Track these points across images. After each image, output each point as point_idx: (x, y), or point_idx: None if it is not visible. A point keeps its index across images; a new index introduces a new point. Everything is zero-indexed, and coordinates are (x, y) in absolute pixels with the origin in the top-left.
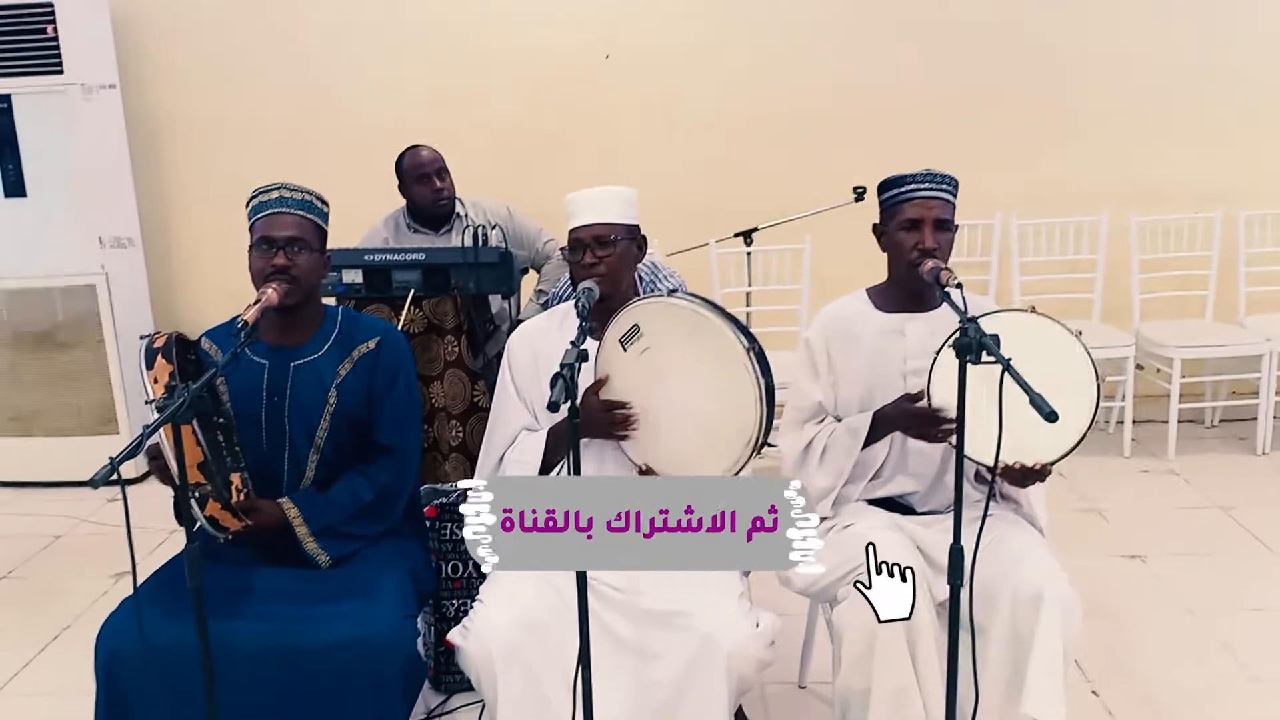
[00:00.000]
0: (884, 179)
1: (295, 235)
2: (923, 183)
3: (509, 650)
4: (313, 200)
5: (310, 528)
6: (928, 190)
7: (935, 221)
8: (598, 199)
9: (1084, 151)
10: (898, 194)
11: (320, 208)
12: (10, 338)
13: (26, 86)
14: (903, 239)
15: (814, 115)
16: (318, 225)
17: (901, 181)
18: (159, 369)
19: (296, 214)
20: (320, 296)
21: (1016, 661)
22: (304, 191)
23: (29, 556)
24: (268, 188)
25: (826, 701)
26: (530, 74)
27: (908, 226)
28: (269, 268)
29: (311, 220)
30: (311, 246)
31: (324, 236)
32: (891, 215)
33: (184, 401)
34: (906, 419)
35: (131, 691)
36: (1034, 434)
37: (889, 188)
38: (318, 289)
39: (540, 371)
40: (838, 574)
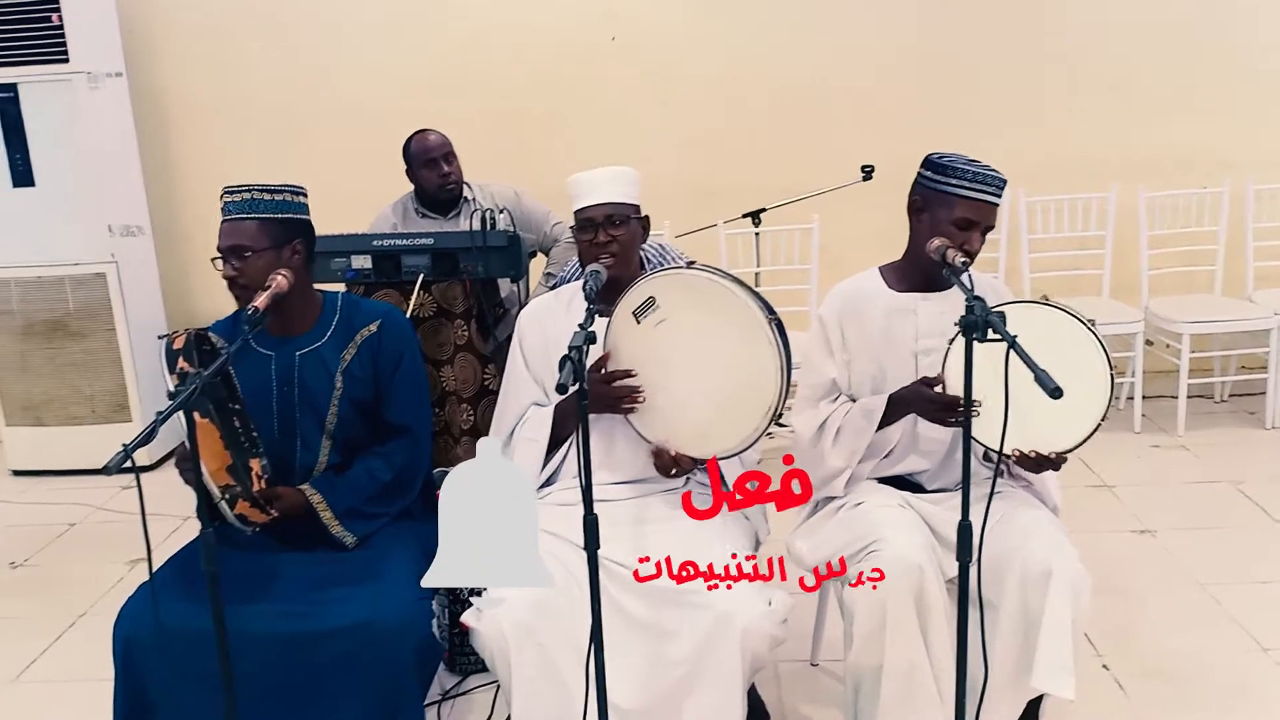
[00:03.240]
0: (937, 158)
1: (234, 244)
2: (987, 185)
3: (522, 630)
4: (257, 198)
5: (334, 511)
6: (989, 194)
7: (985, 228)
8: (604, 179)
9: (1091, 126)
10: (957, 186)
11: (268, 199)
12: (22, 327)
13: (33, 75)
14: (950, 234)
15: (820, 94)
16: (266, 222)
17: (960, 173)
18: (182, 370)
19: (237, 219)
20: (311, 285)
21: (1026, 637)
22: (246, 190)
23: (43, 545)
24: (222, 191)
25: (838, 679)
26: (534, 54)
27: (961, 225)
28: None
29: (255, 220)
30: (256, 247)
31: (283, 229)
32: (942, 202)
33: (196, 388)
34: (922, 403)
35: (149, 676)
36: (1049, 422)
37: (948, 173)
38: (304, 279)
39: (549, 350)
40: (847, 552)
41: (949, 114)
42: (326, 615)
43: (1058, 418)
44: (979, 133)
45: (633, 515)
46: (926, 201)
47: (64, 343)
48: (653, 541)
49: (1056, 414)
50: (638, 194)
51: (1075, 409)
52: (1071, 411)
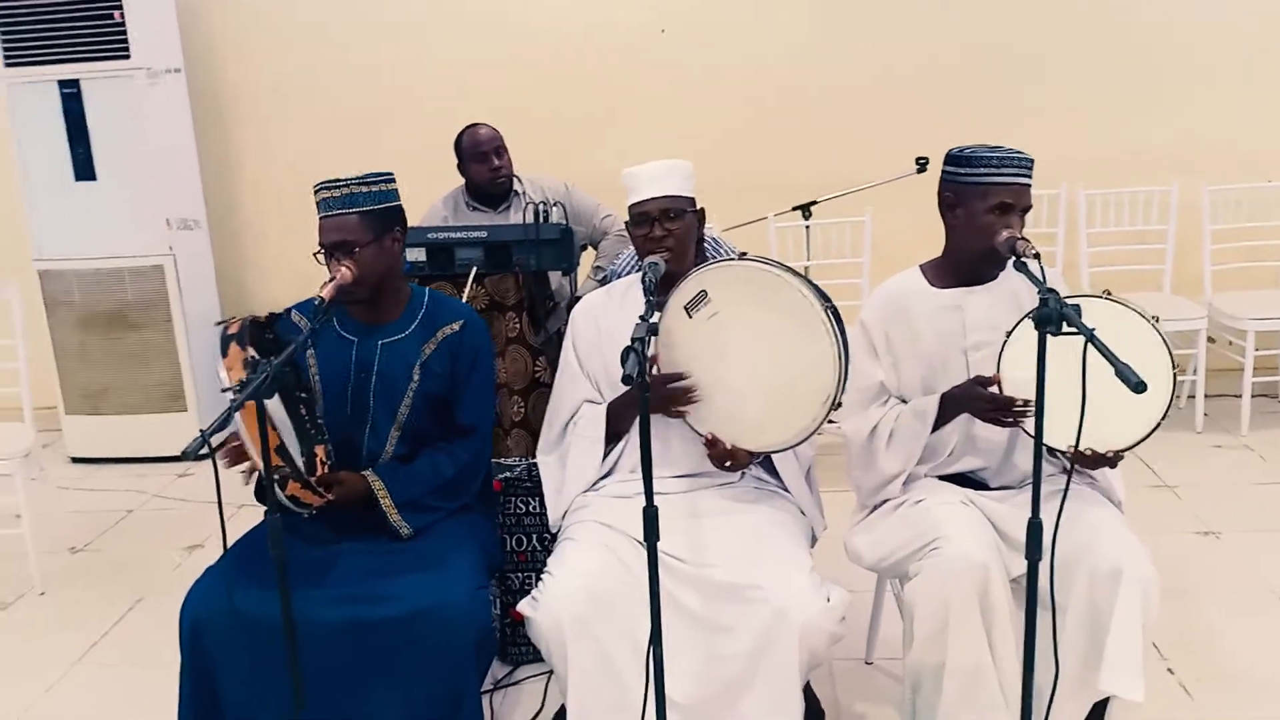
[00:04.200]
0: (958, 152)
1: (340, 240)
2: (1018, 168)
3: (579, 621)
4: (354, 191)
5: (394, 500)
6: (1020, 176)
7: (1023, 208)
8: (658, 172)
9: (1152, 120)
10: (987, 174)
11: (366, 191)
12: (81, 318)
13: (95, 72)
14: (992, 222)
15: (873, 85)
16: (367, 214)
17: (986, 161)
18: (233, 356)
19: (338, 214)
20: (401, 275)
21: (1093, 637)
22: (343, 185)
23: (103, 530)
24: (317, 187)
25: (893, 678)
26: (585, 49)
27: (999, 210)
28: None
29: (356, 215)
30: (361, 241)
31: (383, 218)
32: (975, 194)
33: (267, 376)
34: (976, 403)
35: (215, 658)
36: (1107, 419)
37: (974, 164)
38: (396, 269)
39: (603, 345)
40: (909, 550)
41: (1007, 105)
42: (389, 602)
43: (1117, 415)
44: (1037, 125)
45: (688, 509)
46: (959, 196)
47: (122, 333)
48: (709, 535)
49: (1115, 411)
50: (692, 186)
51: (1135, 407)
52: (1131, 409)
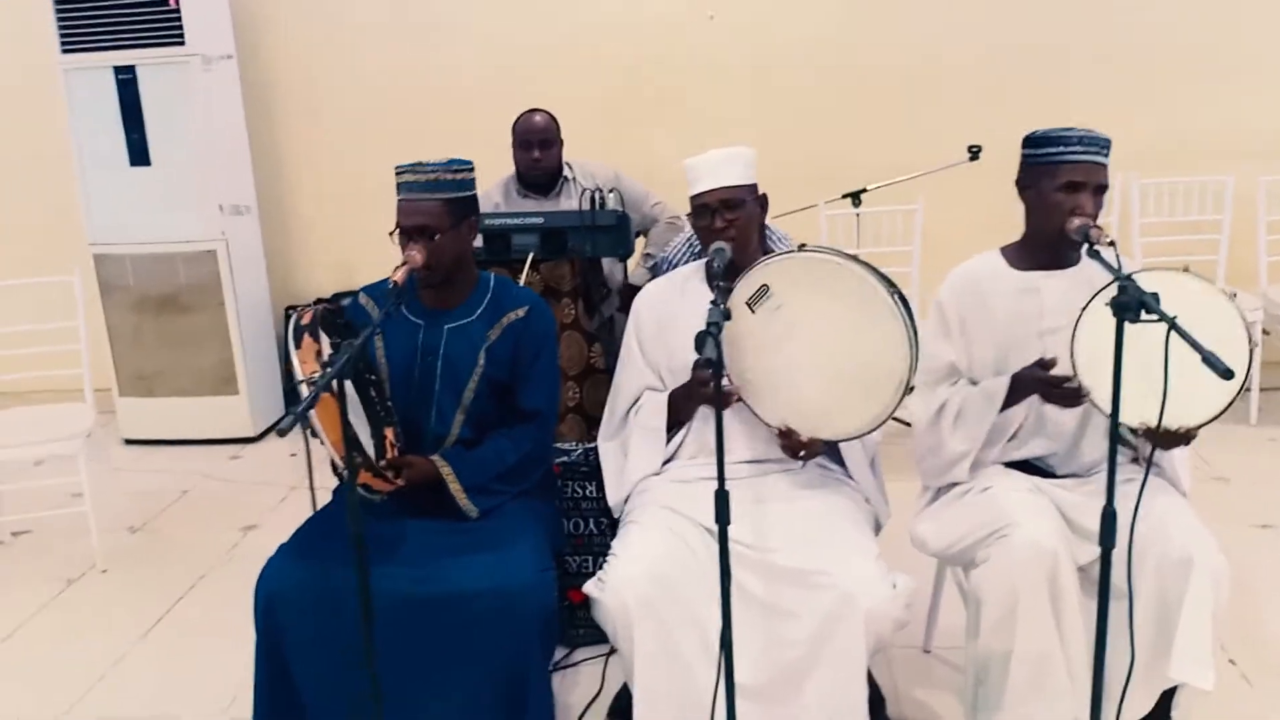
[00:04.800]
0: (1034, 133)
1: (421, 224)
2: (1088, 146)
3: (644, 603)
4: (440, 177)
5: (462, 483)
6: (1090, 154)
7: (1095, 186)
8: (718, 162)
9: (1209, 109)
10: (1056, 153)
11: (451, 179)
12: (136, 301)
13: (150, 58)
14: (1061, 200)
15: (925, 72)
16: (450, 201)
17: (1060, 140)
18: (306, 348)
19: (422, 198)
20: (472, 262)
21: (1161, 626)
22: (429, 170)
23: (158, 511)
24: (401, 169)
25: (952, 666)
26: (634, 35)
27: (1067, 189)
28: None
29: (439, 200)
30: (442, 227)
31: (462, 206)
32: (1045, 173)
33: (348, 358)
34: (1040, 385)
35: (288, 634)
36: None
37: (1043, 144)
38: (468, 255)
39: (665, 333)
40: (976, 536)
41: (1060, 93)
42: (458, 580)
43: (1190, 391)
44: (1091, 113)
45: (752, 495)
46: (1031, 178)
47: (175, 317)
48: (773, 521)
49: (1188, 387)
50: (754, 173)
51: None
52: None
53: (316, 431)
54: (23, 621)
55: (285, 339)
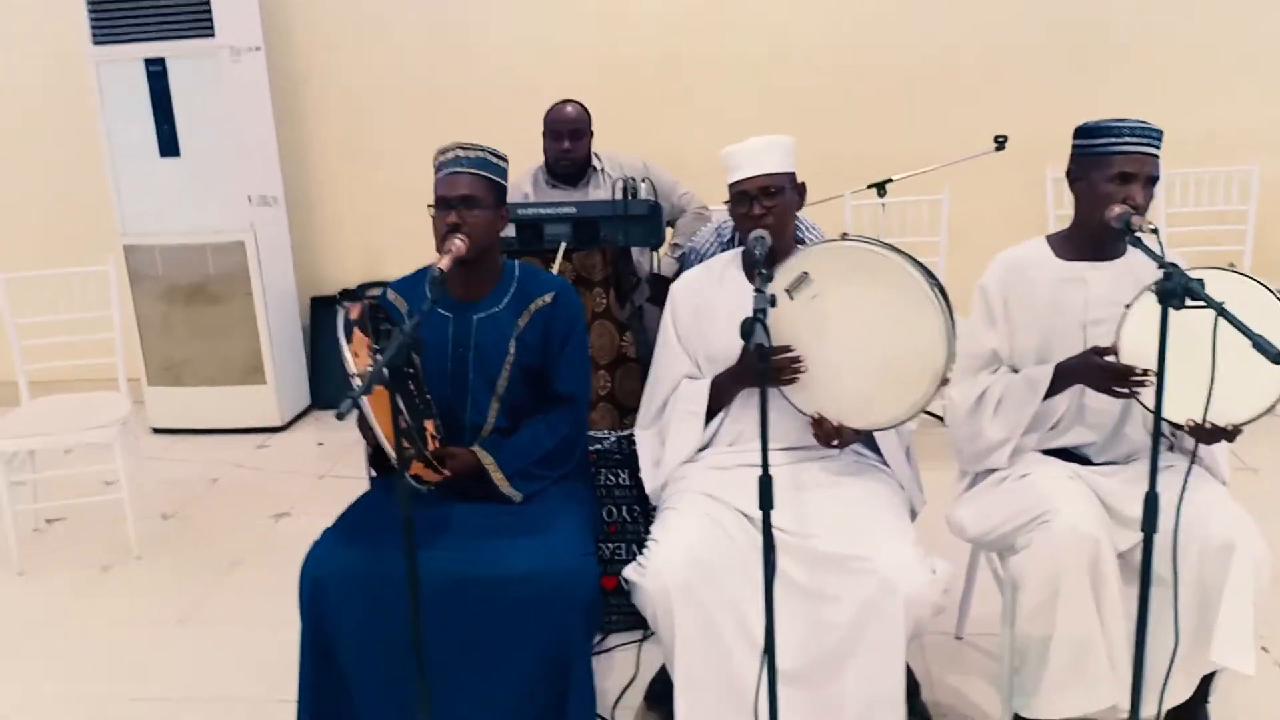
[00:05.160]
0: (1088, 124)
1: (467, 194)
2: (1140, 136)
3: (685, 588)
4: (487, 158)
5: (504, 471)
6: (1141, 145)
7: (1147, 178)
8: (758, 150)
9: (1234, 99)
10: (1109, 144)
11: (496, 164)
12: (165, 291)
13: (180, 50)
14: (1111, 191)
15: (951, 62)
16: (493, 182)
17: (1112, 131)
18: (357, 342)
19: (470, 173)
20: (499, 252)
21: (1202, 611)
22: (479, 150)
23: (190, 499)
24: (446, 148)
25: (984, 653)
26: (658, 28)
27: (1118, 180)
28: (444, 226)
29: (485, 178)
30: (485, 204)
31: (501, 191)
32: (1096, 164)
33: (399, 345)
34: (1093, 374)
35: (333, 617)
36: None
37: (1095, 135)
38: (496, 244)
39: (702, 322)
40: (1016, 523)
41: (1086, 82)
42: (501, 563)
43: (1235, 388)
44: (1117, 103)
45: (791, 481)
46: (1083, 168)
47: (203, 307)
48: (812, 507)
49: (1234, 384)
50: (792, 161)
51: (1255, 379)
52: (1249, 383)
53: (369, 421)
54: (62, 607)
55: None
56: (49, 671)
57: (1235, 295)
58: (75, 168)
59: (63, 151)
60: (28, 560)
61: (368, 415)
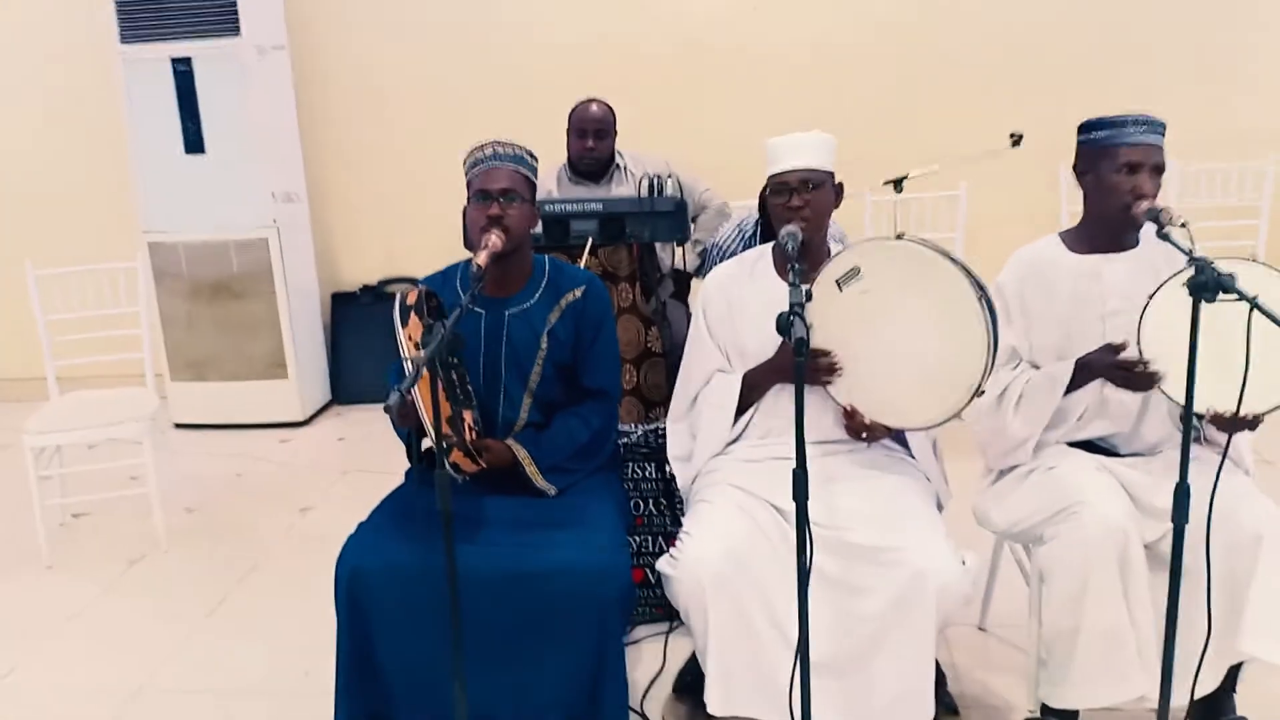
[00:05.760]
0: (1091, 119)
1: (508, 187)
2: (1144, 127)
3: (719, 580)
4: (523, 154)
5: (539, 465)
6: (1146, 134)
7: (1153, 167)
8: (802, 144)
9: (1250, 94)
10: (1111, 136)
11: (530, 162)
12: (189, 288)
13: (206, 49)
14: (1119, 182)
15: (967, 60)
16: (528, 178)
17: (1116, 123)
18: (413, 327)
19: (509, 167)
20: (530, 247)
21: (1231, 601)
22: (515, 146)
23: (214, 493)
24: (482, 144)
25: (1008, 644)
26: (680, 22)
27: (1125, 170)
28: (484, 218)
29: (522, 173)
30: (523, 197)
31: (534, 189)
32: (1102, 157)
33: (444, 337)
34: (1110, 369)
35: (371, 610)
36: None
37: (1100, 128)
38: (528, 240)
39: (733, 316)
40: (1043, 514)
41: (1101, 78)
42: (538, 556)
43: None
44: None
45: (821, 474)
46: (1089, 163)
47: (227, 304)
48: (843, 500)
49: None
50: (833, 160)
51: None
52: (1270, 373)
53: (418, 408)
54: (91, 599)
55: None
56: (77, 664)
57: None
58: (101, 165)
59: (89, 149)
60: (55, 554)
61: (417, 402)
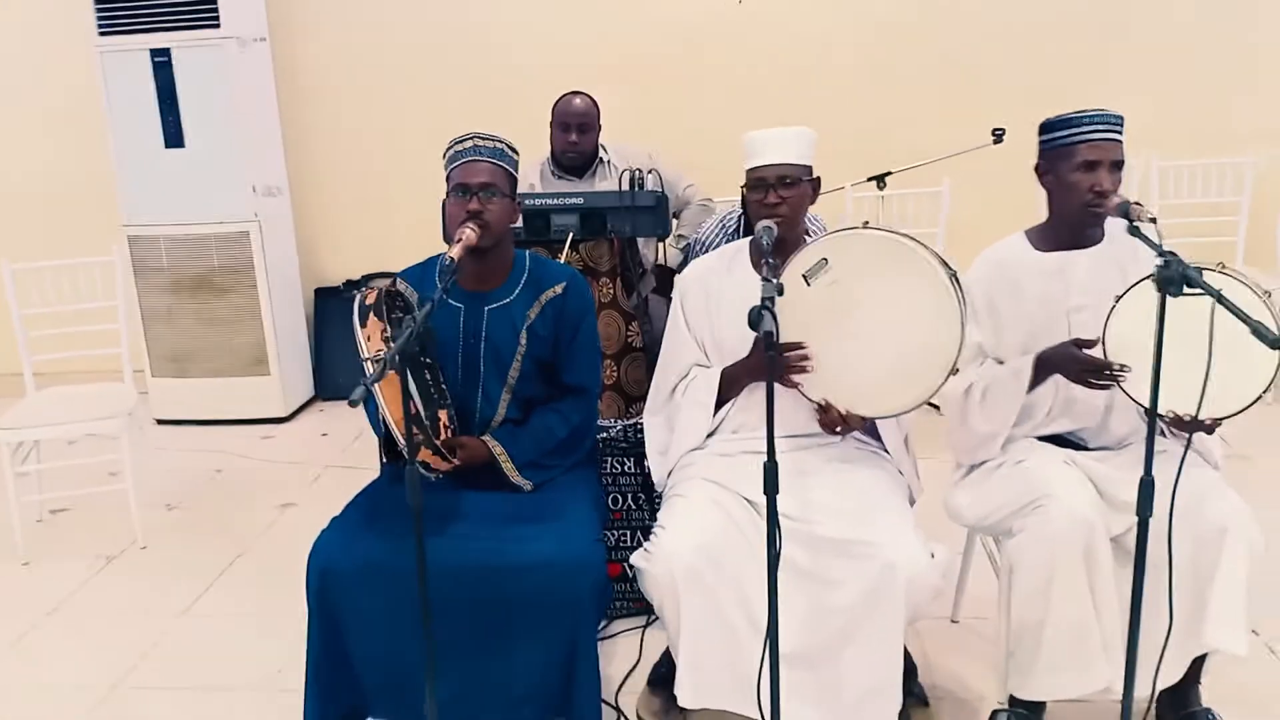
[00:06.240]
0: (1050, 119)
1: (487, 181)
2: (1097, 124)
3: (691, 573)
4: (504, 149)
5: (515, 462)
6: (1102, 131)
7: (1111, 163)
8: (780, 139)
9: (1230, 91)
10: (1071, 135)
11: (511, 156)
12: (170, 282)
13: (186, 41)
14: (1079, 179)
15: (950, 55)
16: (508, 172)
17: (1074, 122)
18: (371, 326)
19: (489, 161)
20: (511, 242)
21: (1196, 594)
22: (496, 140)
23: (194, 489)
24: (462, 138)
25: (979, 636)
26: (665, 17)
27: (1084, 168)
28: (463, 213)
29: (503, 168)
30: (503, 192)
31: (514, 183)
32: (1062, 156)
33: (412, 332)
34: (1069, 364)
35: (342, 607)
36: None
37: (1058, 128)
38: (509, 235)
39: (711, 310)
40: (1011, 508)
41: (1081, 75)
42: (513, 551)
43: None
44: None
45: (794, 468)
46: (1050, 162)
47: (208, 298)
48: (816, 493)
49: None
50: (812, 155)
51: (1237, 376)
52: (1234, 378)
53: (380, 406)
54: (67, 596)
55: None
56: (53, 661)
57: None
58: (80, 159)
59: (68, 142)
60: (32, 550)
61: (379, 401)
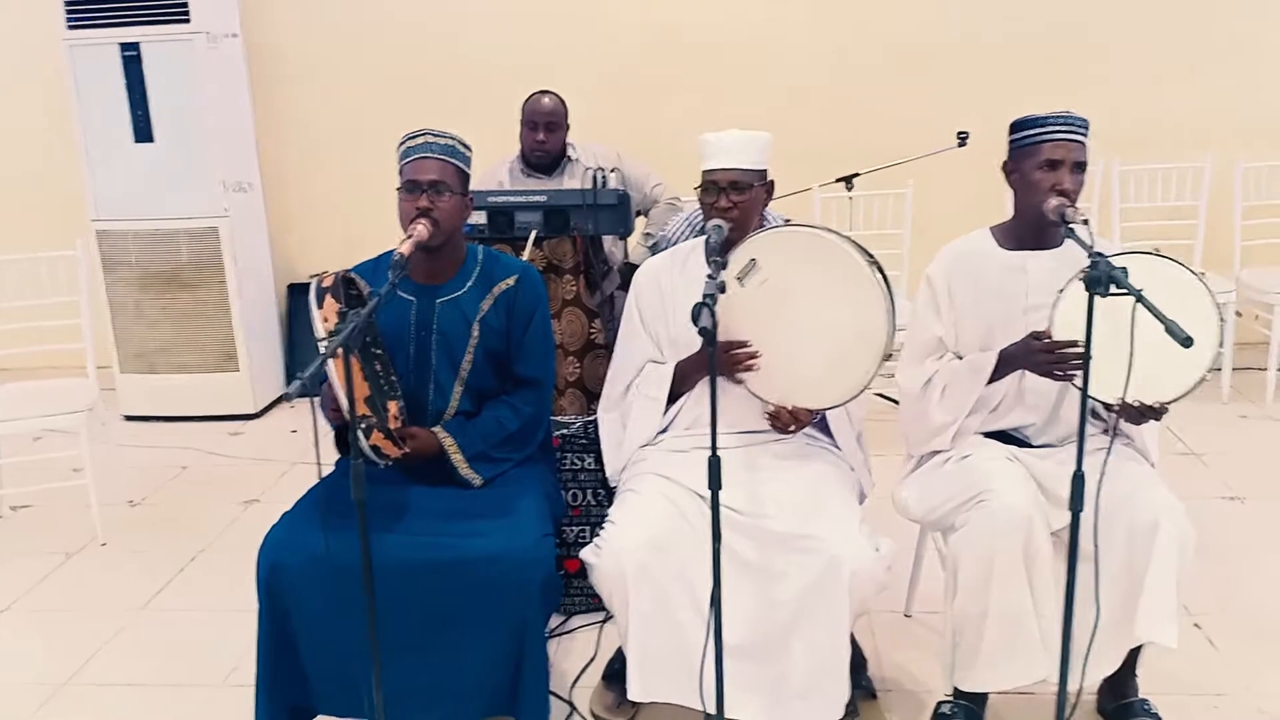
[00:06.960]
0: (1018, 119)
1: (437, 179)
2: (1060, 125)
3: (640, 568)
4: (455, 145)
5: (465, 454)
6: (1066, 132)
7: (1074, 164)
8: (735, 143)
9: (1188, 95)
10: (1035, 134)
11: (463, 152)
12: (138, 278)
13: (156, 35)
14: (1040, 178)
15: (916, 58)
16: (460, 169)
17: (1039, 122)
18: (328, 308)
19: (439, 158)
20: (463, 237)
21: (1129, 587)
22: (448, 137)
23: (159, 486)
24: (415, 133)
25: (931, 629)
26: (635, 18)
27: (1046, 167)
28: (413, 210)
29: (454, 164)
30: (453, 189)
31: (466, 179)
32: (1027, 155)
33: (355, 326)
34: (1033, 357)
35: (291, 602)
36: (1156, 373)
37: (1025, 128)
38: (460, 230)
39: (665, 307)
40: (955, 502)
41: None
42: (460, 546)
43: (1165, 368)
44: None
45: (744, 463)
46: (1015, 162)
47: (177, 294)
48: (765, 489)
49: (1164, 365)
50: (767, 159)
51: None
52: (1179, 362)
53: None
54: (23, 593)
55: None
56: (9, 658)
57: (1162, 278)
58: (49, 153)
59: (36, 137)
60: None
61: (331, 378)
